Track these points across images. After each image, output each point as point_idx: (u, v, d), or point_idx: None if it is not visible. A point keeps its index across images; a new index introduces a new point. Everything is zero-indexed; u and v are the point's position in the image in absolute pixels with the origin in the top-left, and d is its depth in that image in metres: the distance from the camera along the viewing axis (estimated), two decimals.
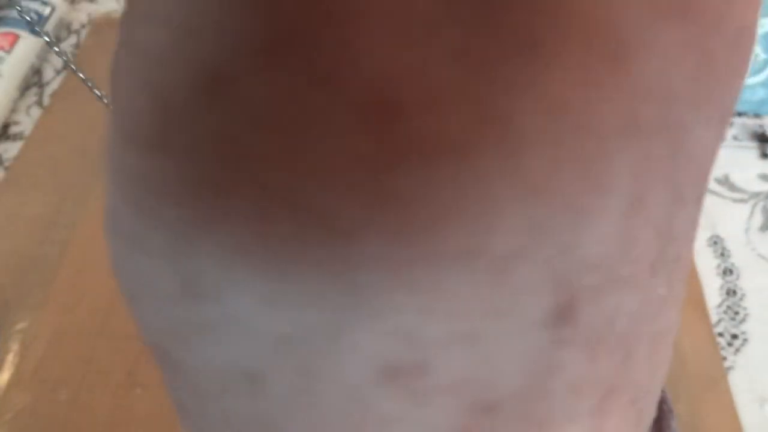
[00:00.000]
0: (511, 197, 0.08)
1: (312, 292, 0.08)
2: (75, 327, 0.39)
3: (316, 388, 0.08)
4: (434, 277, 0.08)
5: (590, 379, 0.09)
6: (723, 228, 0.44)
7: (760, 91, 0.50)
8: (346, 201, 0.07)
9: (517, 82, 0.07)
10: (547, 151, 0.07)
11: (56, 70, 0.54)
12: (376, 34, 0.07)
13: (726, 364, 0.38)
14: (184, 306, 0.08)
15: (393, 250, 0.08)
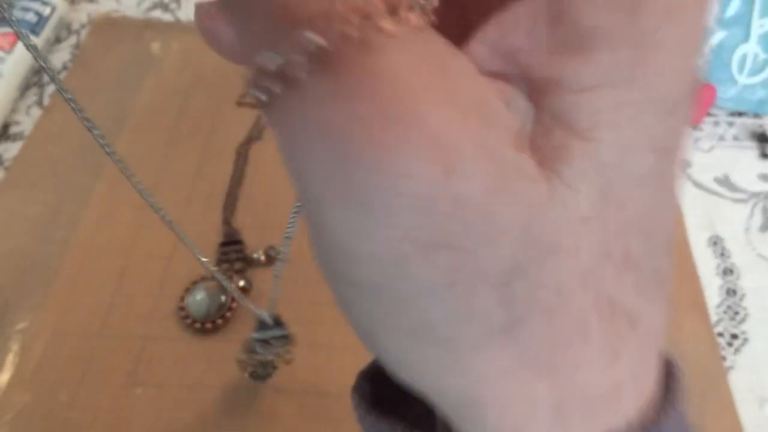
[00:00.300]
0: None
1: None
2: (75, 327, 0.39)
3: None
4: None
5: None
6: (723, 228, 0.44)
7: (760, 91, 0.50)
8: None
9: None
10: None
11: (56, 70, 0.54)
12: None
13: (726, 364, 0.38)
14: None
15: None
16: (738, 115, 0.51)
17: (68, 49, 0.56)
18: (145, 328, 0.39)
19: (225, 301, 0.39)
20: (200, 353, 0.38)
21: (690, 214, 0.45)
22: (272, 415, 0.36)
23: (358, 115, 0.10)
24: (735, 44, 0.49)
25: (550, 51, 0.11)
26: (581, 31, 0.10)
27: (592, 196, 0.11)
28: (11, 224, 0.44)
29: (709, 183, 0.47)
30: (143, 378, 0.37)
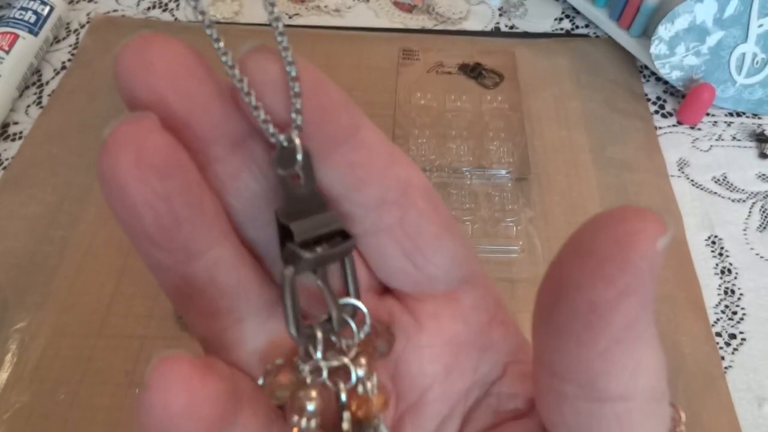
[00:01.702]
0: None
1: None
2: (74, 327, 0.39)
3: None
4: None
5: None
6: (721, 228, 0.44)
7: (759, 91, 0.50)
8: None
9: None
10: None
11: (55, 70, 0.54)
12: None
13: (724, 364, 0.38)
14: None
15: None
16: (737, 115, 0.51)
17: (67, 48, 0.56)
18: (144, 328, 0.39)
19: None
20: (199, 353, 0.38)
21: (688, 213, 0.45)
22: None
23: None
24: (733, 44, 0.49)
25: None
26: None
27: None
28: (10, 224, 0.44)
29: (707, 183, 0.47)
30: (142, 377, 0.37)
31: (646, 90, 0.53)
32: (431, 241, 0.15)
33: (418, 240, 0.15)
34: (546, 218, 0.44)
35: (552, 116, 0.51)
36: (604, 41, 0.56)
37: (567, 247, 0.12)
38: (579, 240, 0.12)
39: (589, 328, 0.11)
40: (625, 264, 0.11)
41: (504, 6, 0.60)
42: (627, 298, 0.11)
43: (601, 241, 0.11)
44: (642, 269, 0.11)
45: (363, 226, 0.14)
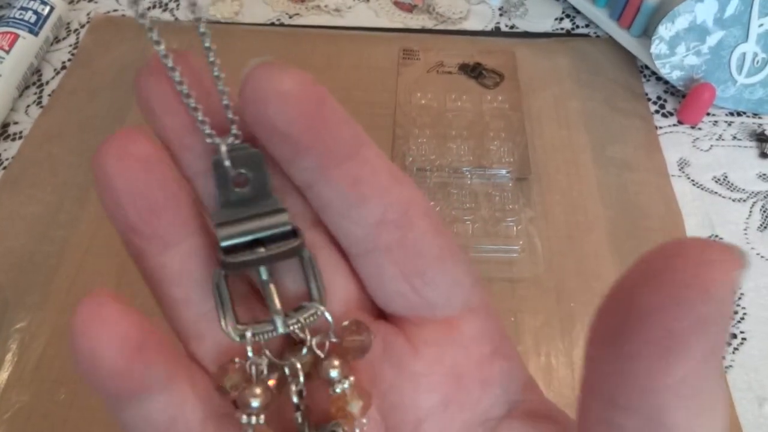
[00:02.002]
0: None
1: None
2: None
3: None
4: None
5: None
6: (722, 228, 0.44)
7: (759, 90, 0.50)
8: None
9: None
10: None
11: (55, 70, 0.54)
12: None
13: (725, 364, 0.38)
14: None
15: None
16: (737, 115, 0.51)
17: (67, 48, 0.56)
18: None
19: None
20: None
21: (689, 213, 0.45)
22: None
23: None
24: (734, 44, 0.49)
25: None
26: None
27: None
28: (10, 224, 0.44)
29: (708, 182, 0.47)
30: None
31: (646, 89, 0.53)
32: (432, 264, 0.14)
33: (418, 262, 0.14)
34: (546, 218, 0.44)
35: (552, 116, 0.51)
36: (604, 41, 0.56)
37: (636, 270, 0.11)
38: (651, 264, 0.11)
39: (664, 356, 0.10)
40: (706, 291, 0.10)
41: (504, 6, 0.60)
42: (708, 327, 0.10)
43: (679, 267, 0.10)
44: (722, 299, 0.10)
45: (361, 246, 0.14)
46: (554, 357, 0.38)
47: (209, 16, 0.58)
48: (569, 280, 0.41)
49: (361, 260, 0.14)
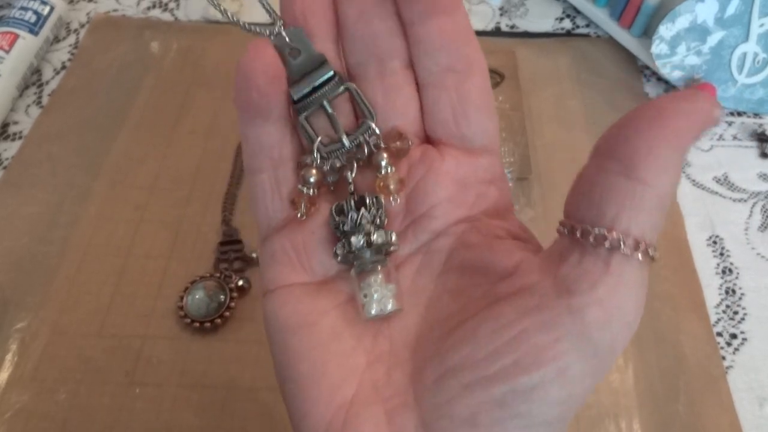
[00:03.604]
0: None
1: None
2: (74, 327, 0.39)
3: None
4: None
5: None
6: (722, 228, 0.44)
7: (760, 90, 0.50)
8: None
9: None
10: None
11: (55, 70, 0.54)
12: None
13: (725, 364, 0.38)
14: None
15: None
16: (738, 115, 0.51)
17: (67, 48, 0.56)
18: (144, 327, 0.39)
19: (224, 301, 0.39)
20: (199, 353, 0.38)
21: (689, 213, 0.45)
22: (272, 414, 0.36)
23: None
24: (734, 44, 0.49)
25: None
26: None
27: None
28: (10, 224, 0.44)
29: (708, 182, 0.47)
30: (142, 377, 0.37)
31: (647, 90, 0.53)
32: (473, 109, 0.19)
33: (464, 105, 0.19)
34: (547, 218, 0.44)
35: (553, 116, 0.51)
36: (604, 41, 0.56)
37: (655, 102, 0.16)
38: (667, 100, 0.16)
39: (650, 124, 0.15)
40: (686, 110, 0.15)
41: (505, 5, 0.60)
42: (683, 117, 0.15)
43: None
44: (699, 117, 0.15)
45: (430, 79, 0.19)
46: None
47: (209, 16, 0.58)
48: None
49: (426, 90, 0.19)
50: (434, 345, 0.18)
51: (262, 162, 0.20)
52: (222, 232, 0.43)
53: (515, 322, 0.16)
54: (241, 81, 0.18)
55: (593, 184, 0.16)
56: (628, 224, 0.16)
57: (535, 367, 0.16)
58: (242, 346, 0.38)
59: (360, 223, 0.19)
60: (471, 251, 0.19)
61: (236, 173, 0.46)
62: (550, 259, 0.17)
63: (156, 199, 0.45)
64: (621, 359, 0.38)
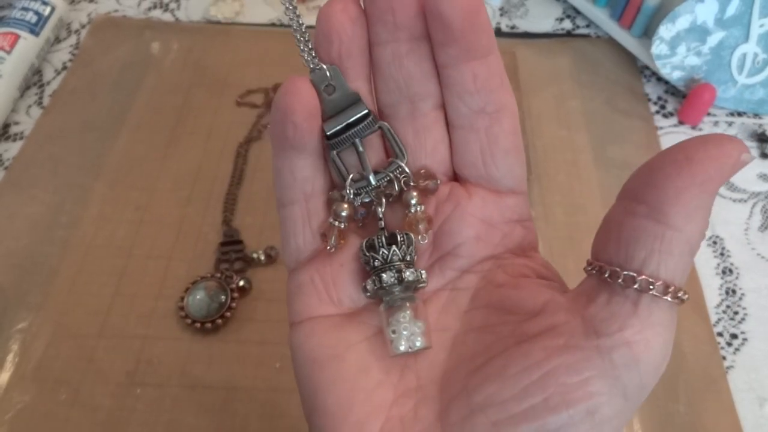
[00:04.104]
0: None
1: None
2: (75, 327, 0.39)
3: None
4: None
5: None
6: (723, 228, 0.44)
7: (760, 91, 0.50)
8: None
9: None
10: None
11: (56, 71, 0.54)
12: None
13: (725, 364, 0.38)
14: None
15: None
16: (738, 115, 0.51)
17: (68, 48, 0.56)
18: (144, 327, 0.39)
19: (225, 301, 0.39)
20: (200, 353, 0.38)
21: None
22: (273, 414, 0.36)
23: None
24: (734, 44, 0.49)
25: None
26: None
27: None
28: (11, 224, 0.44)
29: None
30: (143, 378, 0.37)
31: (647, 90, 0.53)
32: (501, 152, 0.20)
33: (493, 147, 0.20)
34: (547, 218, 0.44)
35: (553, 116, 0.51)
36: (604, 41, 0.56)
37: (683, 147, 0.16)
38: (695, 145, 0.16)
39: (678, 170, 0.15)
40: (714, 155, 0.15)
41: (505, 6, 0.60)
42: (712, 163, 0.15)
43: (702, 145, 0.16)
44: (727, 162, 0.15)
45: (461, 121, 0.20)
46: None
47: (210, 16, 0.58)
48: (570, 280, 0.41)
49: (457, 131, 0.20)
50: (461, 382, 0.18)
51: (294, 194, 0.20)
52: (223, 232, 0.43)
53: (544, 362, 0.16)
54: (278, 115, 0.19)
55: (622, 226, 0.16)
56: (657, 268, 0.16)
57: (564, 407, 0.16)
58: (243, 347, 0.38)
59: (391, 260, 0.19)
60: (498, 290, 0.19)
61: (237, 174, 0.46)
62: (577, 299, 0.17)
63: (157, 200, 0.45)
64: None
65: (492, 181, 0.20)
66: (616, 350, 0.16)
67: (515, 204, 0.21)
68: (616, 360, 0.16)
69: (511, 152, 0.20)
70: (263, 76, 0.51)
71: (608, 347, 0.16)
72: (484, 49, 0.18)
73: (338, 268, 0.20)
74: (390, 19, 0.18)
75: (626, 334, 0.16)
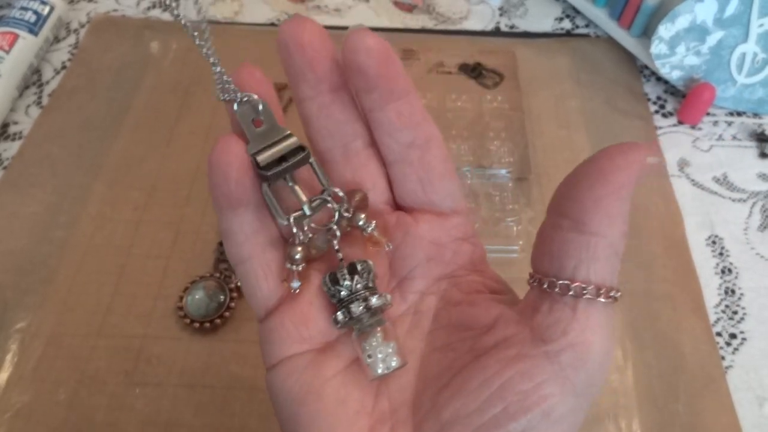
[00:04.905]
0: None
1: None
2: (74, 326, 0.39)
3: None
4: None
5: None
6: (722, 227, 0.44)
7: (759, 90, 0.50)
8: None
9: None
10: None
11: (55, 70, 0.54)
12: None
13: (724, 364, 0.38)
14: None
15: None
16: (737, 115, 0.51)
17: (67, 48, 0.56)
18: (143, 327, 0.39)
19: (224, 301, 0.39)
20: (199, 353, 0.38)
21: (689, 213, 0.45)
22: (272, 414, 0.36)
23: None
24: (734, 44, 0.49)
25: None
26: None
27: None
28: (10, 224, 0.44)
29: (708, 182, 0.47)
30: (142, 377, 0.37)
31: (646, 90, 0.53)
32: (437, 177, 0.21)
33: (430, 174, 0.21)
34: None
35: (552, 116, 0.51)
36: (604, 41, 0.56)
37: (594, 160, 0.18)
38: (604, 156, 0.18)
39: (593, 183, 0.17)
40: (623, 164, 0.17)
41: (504, 6, 0.60)
42: (621, 172, 0.17)
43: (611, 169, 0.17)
44: (635, 168, 0.17)
45: (395, 156, 0.21)
46: None
47: (210, 16, 0.58)
48: None
49: (393, 166, 0.22)
50: (430, 401, 0.19)
51: (249, 250, 0.21)
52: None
53: (499, 373, 0.18)
54: (216, 176, 0.19)
55: (551, 240, 0.18)
56: (587, 274, 0.17)
57: (523, 413, 0.17)
58: (242, 346, 0.38)
59: (356, 290, 0.20)
60: (455, 309, 0.21)
61: None
62: (524, 310, 0.19)
63: (156, 199, 0.45)
64: (621, 359, 0.38)
65: (434, 205, 0.22)
66: (562, 353, 0.17)
67: (459, 223, 0.22)
68: (563, 362, 0.17)
69: (446, 176, 0.21)
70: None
71: (555, 351, 0.17)
72: (402, 90, 0.20)
73: (307, 306, 0.21)
74: (311, 75, 0.20)
75: (569, 337, 0.17)
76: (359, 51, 0.19)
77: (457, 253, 0.22)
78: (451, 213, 0.22)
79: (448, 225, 0.22)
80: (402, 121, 0.20)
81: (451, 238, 0.22)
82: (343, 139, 0.21)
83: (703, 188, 0.47)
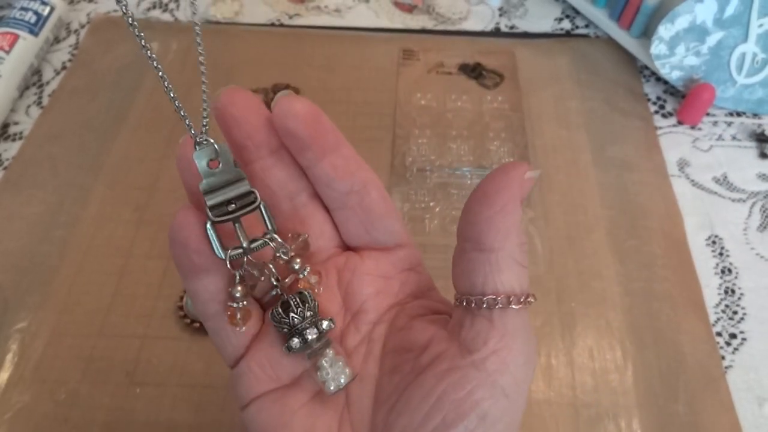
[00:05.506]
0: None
1: None
2: (74, 327, 0.39)
3: None
4: None
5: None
6: (722, 227, 0.44)
7: (759, 90, 0.50)
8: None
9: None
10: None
11: (55, 71, 0.54)
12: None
13: (724, 364, 0.38)
14: None
15: None
16: (737, 115, 0.51)
17: (67, 49, 0.56)
18: (144, 327, 0.39)
19: None
20: (199, 353, 0.38)
21: (689, 213, 0.45)
22: None
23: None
24: (734, 44, 0.49)
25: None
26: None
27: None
28: (11, 224, 0.44)
29: (707, 183, 0.47)
30: (142, 377, 0.37)
31: (646, 90, 0.53)
32: (378, 218, 0.23)
33: (370, 215, 0.23)
34: (546, 218, 0.44)
35: (552, 116, 0.51)
36: (604, 41, 0.56)
37: (480, 186, 0.20)
38: (488, 180, 0.20)
39: (481, 206, 0.20)
40: (503, 185, 0.19)
41: (504, 6, 0.60)
42: (503, 192, 0.19)
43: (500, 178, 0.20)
44: (515, 186, 0.19)
45: (337, 204, 0.23)
46: (554, 357, 0.38)
47: (210, 16, 0.58)
48: (569, 280, 0.41)
49: (336, 213, 0.23)
50: (382, 422, 0.21)
51: (215, 307, 0.22)
52: None
53: (435, 387, 0.19)
54: (176, 249, 0.21)
55: (461, 262, 0.21)
56: (495, 286, 0.20)
57: (460, 419, 0.19)
58: None
59: (307, 316, 0.22)
60: (399, 334, 0.22)
61: None
62: (453, 328, 0.21)
63: (156, 200, 0.45)
64: (621, 359, 0.38)
65: (378, 242, 0.23)
66: (487, 360, 0.19)
67: (405, 255, 0.24)
68: (489, 368, 0.19)
69: (386, 216, 0.23)
70: (262, 76, 0.51)
71: (481, 360, 0.19)
72: (333, 144, 0.22)
73: (270, 348, 0.22)
74: (249, 143, 0.22)
75: (490, 345, 0.19)
76: (288, 117, 0.21)
77: (404, 283, 0.24)
78: (395, 247, 0.24)
79: (394, 258, 0.24)
80: (338, 173, 0.22)
81: (398, 270, 0.24)
82: (288, 194, 0.23)
83: (703, 188, 0.47)
